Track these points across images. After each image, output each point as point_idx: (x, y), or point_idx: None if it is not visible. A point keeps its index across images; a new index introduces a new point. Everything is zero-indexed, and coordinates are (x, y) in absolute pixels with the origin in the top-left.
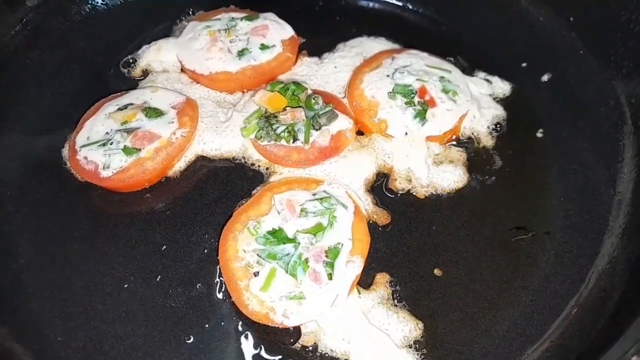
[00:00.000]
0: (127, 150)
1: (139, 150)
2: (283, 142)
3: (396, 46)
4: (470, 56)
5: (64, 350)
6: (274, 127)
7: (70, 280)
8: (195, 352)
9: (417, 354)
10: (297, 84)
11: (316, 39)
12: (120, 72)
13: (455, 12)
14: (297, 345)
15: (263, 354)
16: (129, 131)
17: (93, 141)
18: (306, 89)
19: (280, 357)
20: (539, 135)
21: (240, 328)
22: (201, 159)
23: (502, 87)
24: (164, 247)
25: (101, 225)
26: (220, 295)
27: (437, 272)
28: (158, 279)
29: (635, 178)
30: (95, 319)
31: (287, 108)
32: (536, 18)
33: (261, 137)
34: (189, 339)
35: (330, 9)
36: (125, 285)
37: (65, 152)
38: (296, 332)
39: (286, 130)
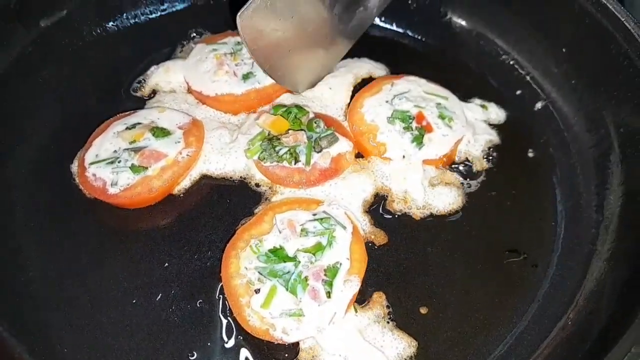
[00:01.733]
0: (134, 169)
1: (146, 168)
2: (285, 163)
3: (379, 65)
4: (467, 83)
5: None
6: (277, 149)
7: (77, 294)
8: None
9: None
10: (299, 107)
11: None
12: (129, 91)
13: (454, 40)
14: None
15: None
16: (136, 150)
17: (102, 159)
18: (308, 112)
19: None
20: (530, 155)
21: (241, 344)
22: (206, 178)
23: (498, 114)
24: (166, 264)
25: (108, 241)
26: (221, 312)
27: (431, 292)
28: (161, 294)
29: (621, 204)
30: (101, 332)
31: (290, 131)
32: (531, 48)
33: (264, 158)
34: (192, 355)
35: None
36: (130, 300)
37: (74, 168)
38: (295, 348)
39: (288, 152)
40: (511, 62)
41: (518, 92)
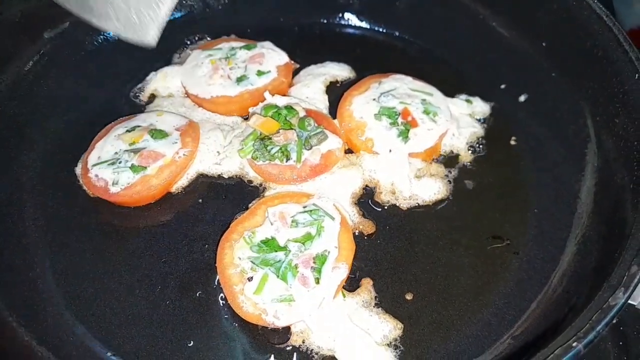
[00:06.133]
0: (134, 168)
1: (145, 168)
2: (277, 161)
3: (346, 67)
4: (453, 79)
5: (76, 349)
6: (268, 148)
7: (82, 287)
8: (195, 351)
9: (396, 352)
10: (289, 108)
11: (310, 64)
12: (129, 97)
13: (441, 39)
14: (288, 344)
15: (256, 352)
16: (136, 151)
17: (103, 160)
18: (297, 113)
19: (272, 354)
20: (513, 143)
21: (235, 329)
22: (202, 177)
23: (483, 107)
24: (165, 258)
25: (110, 237)
26: (217, 300)
27: (417, 278)
28: (161, 287)
29: (594, 191)
30: (103, 322)
31: (280, 130)
32: (514, 44)
33: (257, 157)
34: (190, 342)
35: (324, 37)
36: (131, 292)
37: (78, 170)
38: (286, 331)
39: (280, 150)
40: (495, 58)
41: (502, 86)
